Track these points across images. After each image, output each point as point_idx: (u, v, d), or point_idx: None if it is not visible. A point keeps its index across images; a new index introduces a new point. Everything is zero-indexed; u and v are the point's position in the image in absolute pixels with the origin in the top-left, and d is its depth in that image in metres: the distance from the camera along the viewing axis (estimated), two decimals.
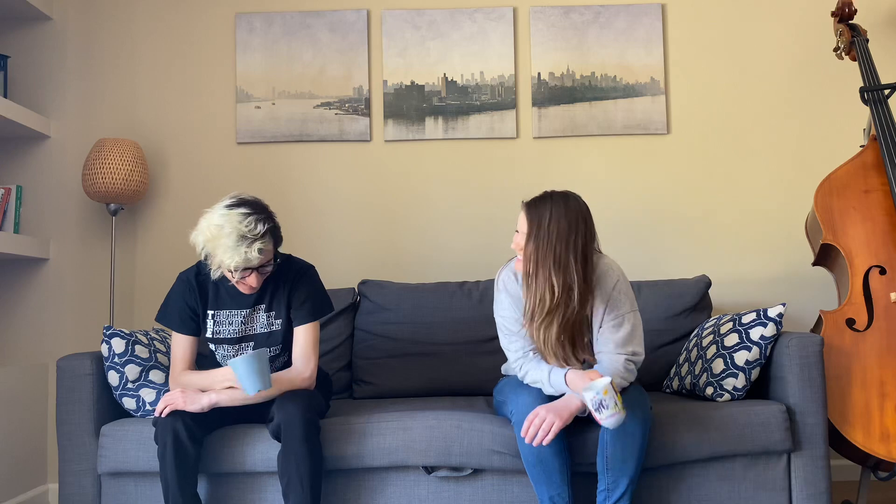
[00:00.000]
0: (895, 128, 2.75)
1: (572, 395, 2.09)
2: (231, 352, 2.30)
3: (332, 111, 3.29)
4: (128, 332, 2.42)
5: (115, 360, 2.34)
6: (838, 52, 3.03)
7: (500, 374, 2.59)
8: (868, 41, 2.98)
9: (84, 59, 3.30)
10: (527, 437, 2.03)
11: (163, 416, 2.12)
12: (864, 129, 3.01)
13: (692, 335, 2.66)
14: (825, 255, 2.76)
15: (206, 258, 2.22)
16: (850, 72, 3.26)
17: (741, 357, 2.34)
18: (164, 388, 2.36)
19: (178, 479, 2.07)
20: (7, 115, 2.94)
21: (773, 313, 2.35)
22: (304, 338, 2.27)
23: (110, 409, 2.39)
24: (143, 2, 3.33)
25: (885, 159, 2.70)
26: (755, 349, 2.33)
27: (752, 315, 2.39)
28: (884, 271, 2.61)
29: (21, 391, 2.92)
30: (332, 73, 3.30)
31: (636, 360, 2.20)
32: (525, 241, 2.15)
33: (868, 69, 2.87)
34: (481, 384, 2.79)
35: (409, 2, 3.34)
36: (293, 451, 2.08)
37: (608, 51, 3.31)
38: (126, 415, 2.40)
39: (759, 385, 2.45)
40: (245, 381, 2.07)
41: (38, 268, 3.23)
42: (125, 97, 3.31)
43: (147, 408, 2.35)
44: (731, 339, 2.38)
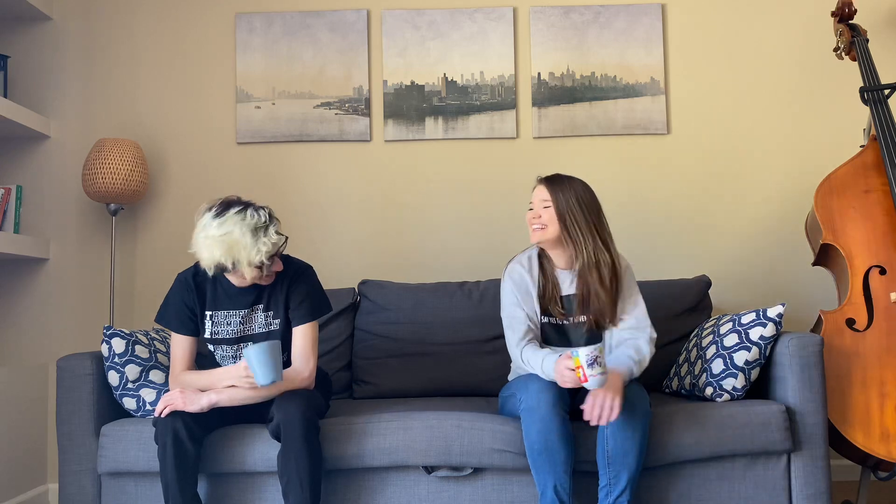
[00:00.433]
0: (895, 128, 2.75)
1: (612, 369, 2.14)
2: (230, 352, 2.30)
3: (332, 111, 3.29)
4: (128, 332, 2.42)
5: (116, 360, 2.34)
6: (838, 52, 3.04)
7: (501, 373, 2.61)
8: (868, 41, 2.98)
9: (84, 59, 3.30)
10: (592, 419, 2.06)
11: (162, 416, 2.12)
12: (864, 129, 3.01)
13: (692, 335, 2.66)
14: (825, 255, 2.76)
15: (225, 270, 2.21)
16: (850, 72, 3.26)
17: (740, 357, 2.33)
18: (165, 388, 2.36)
19: (178, 479, 2.07)
20: (7, 115, 2.94)
21: (772, 313, 2.35)
22: (302, 338, 2.27)
23: (110, 409, 2.39)
24: (144, 2, 3.33)
25: (885, 159, 2.70)
26: (755, 349, 2.33)
27: (752, 315, 2.39)
28: (884, 271, 2.61)
29: (21, 391, 2.92)
30: (332, 73, 3.30)
31: (654, 336, 2.34)
32: (546, 208, 2.32)
33: (868, 69, 2.87)
34: (481, 384, 2.79)
35: (409, 2, 3.34)
36: (293, 451, 2.08)
37: (608, 51, 3.31)
38: (126, 415, 2.40)
39: (759, 385, 2.45)
40: (258, 371, 2.05)
41: (38, 268, 3.23)
42: (125, 97, 3.31)
43: (147, 408, 2.35)
44: (731, 340, 2.38)
